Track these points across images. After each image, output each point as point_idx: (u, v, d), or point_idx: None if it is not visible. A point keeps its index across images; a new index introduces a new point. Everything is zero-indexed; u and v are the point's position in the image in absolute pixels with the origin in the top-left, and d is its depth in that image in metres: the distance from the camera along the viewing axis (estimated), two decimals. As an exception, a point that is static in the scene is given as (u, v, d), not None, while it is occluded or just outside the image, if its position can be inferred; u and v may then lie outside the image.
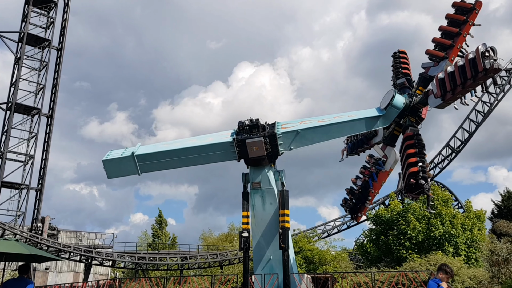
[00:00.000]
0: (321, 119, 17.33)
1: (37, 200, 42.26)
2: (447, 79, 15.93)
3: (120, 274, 57.59)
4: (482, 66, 14.65)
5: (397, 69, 20.01)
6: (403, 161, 16.76)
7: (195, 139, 17.10)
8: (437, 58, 17.56)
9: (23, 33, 43.58)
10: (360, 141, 20.07)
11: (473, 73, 14.93)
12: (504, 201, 49.59)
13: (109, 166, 16.67)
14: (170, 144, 17.25)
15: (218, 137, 17.07)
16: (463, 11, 17.81)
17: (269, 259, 17.88)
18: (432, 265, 25.21)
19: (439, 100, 16.71)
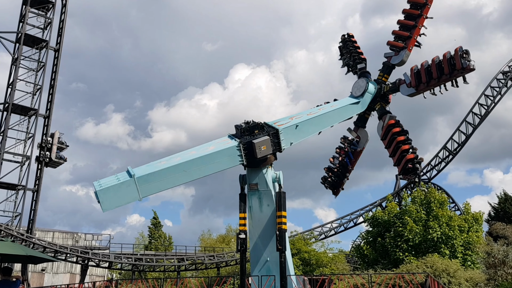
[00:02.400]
0: (308, 112, 18.37)
1: (34, 201, 42.13)
2: (423, 72, 18.14)
3: (116, 276, 57.44)
4: (460, 65, 17.37)
5: (354, 53, 21.61)
6: (393, 147, 18.44)
7: (194, 150, 16.04)
8: (397, 48, 19.36)
9: (20, 34, 43.49)
10: None
11: (450, 69, 17.45)
12: (501, 204, 49.74)
13: (106, 197, 14.23)
14: (171, 159, 15.75)
15: (220, 145, 16.51)
16: (417, 6, 19.57)
17: (266, 261, 17.88)
18: (429, 267, 25.25)
19: (413, 89, 18.99)
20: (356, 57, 21.50)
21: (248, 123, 17.16)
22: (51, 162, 43.69)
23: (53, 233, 57.81)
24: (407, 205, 33.93)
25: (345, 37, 22.34)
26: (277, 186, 17.78)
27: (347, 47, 21.85)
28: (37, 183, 42.63)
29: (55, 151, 43.32)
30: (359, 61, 21.32)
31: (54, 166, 45.06)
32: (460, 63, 17.48)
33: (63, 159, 44.53)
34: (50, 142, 43.36)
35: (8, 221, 40.02)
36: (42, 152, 42.74)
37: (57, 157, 43.59)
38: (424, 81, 18.13)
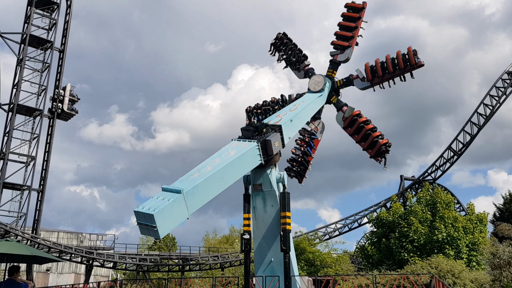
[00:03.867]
0: (288, 109, 19.52)
1: (39, 201, 42.28)
2: (379, 67, 20.70)
3: (121, 276, 57.58)
4: (414, 61, 20.07)
5: (296, 50, 23.63)
6: (362, 134, 20.40)
7: (217, 158, 15.13)
8: (342, 47, 21.93)
9: (25, 35, 43.67)
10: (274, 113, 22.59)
11: (404, 65, 20.12)
12: (506, 204, 49.45)
13: (162, 221, 12.27)
14: (202, 170, 14.48)
15: (240, 148, 16.01)
16: (355, 9, 21.99)
17: (270, 261, 17.87)
18: (434, 268, 25.16)
19: (367, 83, 21.51)
20: (299, 54, 23.29)
21: (252, 125, 17.25)
22: (63, 114, 44.85)
23: (58, 233, 58.05)
24: (412, 205, 33.86)
25: (280, 35, 24.17)
26: (281, 187, 17.78)
27: (285, 44, 23.78)
28: (42, 183, 42.75)
29: (67, 103, 44.49)
30: (304, 58, 23.28)
31: (66, 119, 46.01)
32: (414, 60, 20.30)
33: (75, 111, 45.57)
34: (62, 94, 44.50)
35: (13, 221, 40.20)
36: (54, 103, 44.04)
37: (69, 108, 44.70)
38: (380, 75, 20.90)
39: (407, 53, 20.38)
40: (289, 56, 23.84)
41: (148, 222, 12.12)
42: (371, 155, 20.98)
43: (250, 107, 23.92)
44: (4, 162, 40.80)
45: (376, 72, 21.10)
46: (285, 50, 24.09)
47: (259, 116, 23.60)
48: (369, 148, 20.94)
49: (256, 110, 23.71)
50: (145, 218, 12.15)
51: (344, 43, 22.22)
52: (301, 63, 23.74)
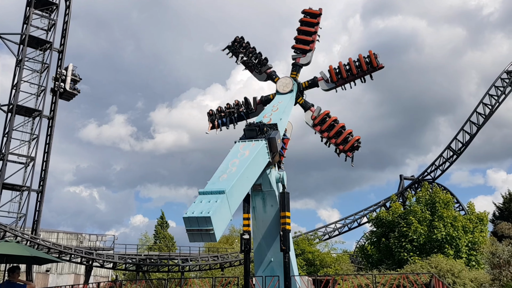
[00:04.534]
0: (270, 109, 20.13)
1: (38, 202, 42.22)
2: (343, 70, 22.13)
3: (121, 276, 57.56)
4: (376, 63, 21.74)
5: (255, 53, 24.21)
6: (335, 131, 21.61)
7: (235, 159, 15.03)
8: (304, 51, 22.88)
9: (24, 35, 43.61)
10: (239, 116, 23.57)
11: (367, 67, 21.74)
12: (506, 203, 49.54)
13: (216, 222, 11.86)
14: (228, 170, 14.35)
15: (252, 148, 16.01)
16: (313, 15, 23.19)
17: (270, 261, 17.91)
18: (433, 268, 25.18)
19: (332, 84, 22.69)
20: (260, 57, 23.98)
21: (255, 125, 17.26)
22: (66, 93, 44.90)
23: (58, 234, 58.00)
24: (412, 205, 33.89)
25: (238, 38, 24.92)
26: (281, 187, 17.81)
27: (244, 47, 24.46)
28: (41, 184, 42.74)
29: (69, 82, 44.67)
30: (266, 61, 23.88)
31: (68, 99, 46.03)
32: (376, 62, 21.93)
33: (77, 91, 45.74)
34: (65, 74, 44.74)
35: (13, 222, 40.13)
36: (56, 83, 44.29)
37: (71, 88, 44.90)
38: (344, 77, 22.31)
39: (367, 57, 21.98)
40: (250, 59, 24.21)
41: (203, 226, 11.70)
42: (345, 149, 21.92)
43: (212, 110, 23.94)
44: (3, 163, 40.76)
45: (340, 74, 22.40)
46: (245, 52, 24.53)
47: (223, 119, 23.70)
48: (341, 144, 21.92)
49: (220, 114, 23.80)
50: (198, 223, 11.71)
51: (305, 47, 23.25)
52: (263, 66, 24.19)
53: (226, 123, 23.72)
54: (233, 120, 23.74)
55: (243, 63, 24.70)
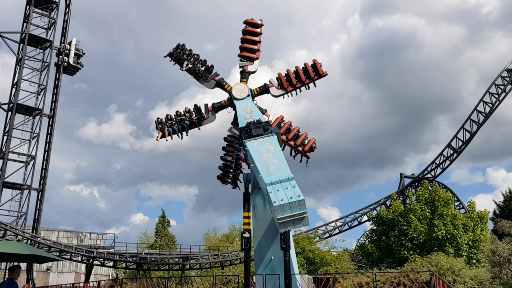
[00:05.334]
0: (244, 113, 20.25)
1: (39, 200, 42.27)
2: (292, 76, 22.89)
3: (121, 275, 57.62)
4: (322, 71, 22.86)
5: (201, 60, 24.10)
6: (293, 133, 22.29)
7: (263, 154, 15.46)
8: (251, 59, 23.52)
9: (24, 34, 43.60)
10: (191, 123, 23.32)
11: (314, 74, 22.81)
12: (506, 202, 49.52)
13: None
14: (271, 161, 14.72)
15: (271, 143, 16.38)
16: (255, 25, 23.95)
17: (270, 260, 17.90)
18: (434, 266, 25.20)
19: (283, 91, 23.17)
20: (207, 64, 24.17)
21: (260, 122, 17.30)
22: (69, 68, 45.41)
23: (58, 233, 58.06)
24: (412, 203, 33.90)
25: (180, 45, 24.68)
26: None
27: (188, 54, 24.38)
28: (41, 182, 42.76)
29: (73, 56, 45.19)
30: (212, 68, 24.14)
31: (71, 73, 46.50)
32: (321, 70, 23.04)
33: (80, 65, 46.21)
34: (68, 48, 45.23)
35: (14, 220, 40.19)
36: (60, 57, 44.80)
37: (74, 62, 45.39)
38: (294, 84, 23.08)
39: (311, 65, 23.28)
40: (196, 66, 24.05)
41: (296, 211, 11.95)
42: (305, 150, 22.61)
43: (159, 118, 23.30)
44: (4, 162, 40.79)
45: (290, 81, 23.15)
46: (189, 59, 24.30)
47: (174, 127, 23.10)
48: (301, 146, 22.61)
49: (171, 121, 23.18)
50: (290, 209, 11.94)
51: (252, 55, 23.80)
52: (210, 73, 24.22)
53: (177, 131, 23.14)
54: (185, 128, 23.29)
55: (189, 70, 24.28)
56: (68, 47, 45.36)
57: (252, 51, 23.87)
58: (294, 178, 12.95)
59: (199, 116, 23.26)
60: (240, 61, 23.84)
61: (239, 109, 21.28)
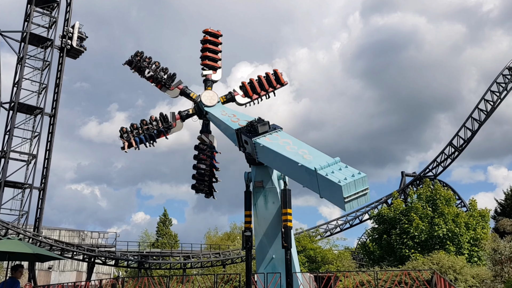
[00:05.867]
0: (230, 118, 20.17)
1: (40, 199, 42.32)
2: (256, 85, 23.46)
3: (123, 273, 57.70)
4: (283, 80, 23.82)
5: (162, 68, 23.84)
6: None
7: (287, 146, 15.76)
8: (214, 68, 23.73)
9: (25, 33, 43.60)
10: (159, 132, 22.88)
11: (276, 83, 23.66)
12: (508, 200, 49.47)
13: None
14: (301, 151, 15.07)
15: (284, 137, 16.78)
16: (214, 35, 24.21)
17: (271, 258, 17.91)
18: (435, 264, 25.18)
19: (248, 99, 23.66)
20: (168, 72, 23.76)
21: (263, 120, 17.30)
22: (72, 50, 45.70)
23: (60, 231, 58.14)
24: (413, 202, 33.88)
25: (139, 52, 24.36)
26: (282, 184, 17.80)
27: (148, 62, 23.80)
28: (43, 181, 42.81)
29: (76, 39, 45.58)
30: (174, 76, 23.87)
31: (74, 56, 46.73)
32: (283, 79, 23.76)
33: (83, 48, 46.59)
34: (71, 32, 45.63)
35: (15, 219, 40.25)
36: (63, 39, 45.21)
37: (77, 45, 45.76)
38: (259, 92, 23.55)
39: (274, 73, 23.97)
40: (158, 73, 23.60)
41: (360, 188, 12.49)
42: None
43: (124, 128, 22.47)
44: (5, 161, 40.85)
45: (255, 89, 23.62)
46: (149, 67, 23.80)
47: (141, 136, 22.36)
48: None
49: (137, 131, 22.38)
50: (355, 187, 12.39)
51: (215, 64, 23.95)
52: (173, 81, 23.84)
53: (144, 141, 22.36)
54: (153, 137, 22.58)
55: (150, 78, 23.75)
56: (71, 30, 45.61)
57: (214, 60, 23.85)
58: (340, 160, 13.38)
59: (166, 125, 22.81)
60: (202, 70, 23.73)
61: (218, 115, 21.17)
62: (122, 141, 22.19)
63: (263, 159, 16.88)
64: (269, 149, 15.88)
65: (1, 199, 39.88)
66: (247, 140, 17.07)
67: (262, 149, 16.26)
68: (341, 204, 12.73)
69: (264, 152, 16.32)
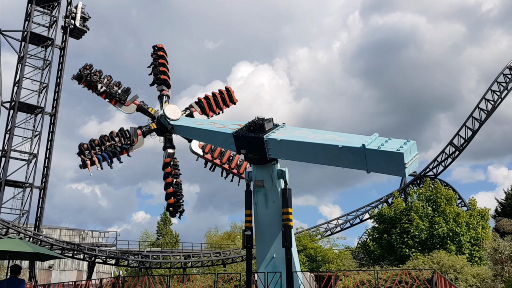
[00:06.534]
0: (212, 124, 19.71)
1: (41, 198, 42.32)
2: (213, 102, 24.45)
3: (123, 272, 57.73)
4: (235, 99, 25.04)
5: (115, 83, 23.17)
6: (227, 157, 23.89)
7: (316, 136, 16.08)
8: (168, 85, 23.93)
9: (26, 32, 43.59)
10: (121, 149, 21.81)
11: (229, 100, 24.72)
12: (508, 199, 49.45)
13: None
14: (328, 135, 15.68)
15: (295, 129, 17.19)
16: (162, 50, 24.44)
17: (272, 257, 17.91)
18: (436, 263, 25.19)
19: (205, 116, 24.21)
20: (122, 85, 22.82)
21: (263, 119, 17.31)
22: (75, 31, 45.99)
23: (60, 231, 58.18)
24: (413, 201, 33.88)
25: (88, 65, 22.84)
26: (283, 183, 17.80)
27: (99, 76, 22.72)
28: (43, 180, 42.81)
29: (79, 19, 45.91)
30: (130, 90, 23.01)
31: (77, 37, 47.04)
32: (235, 98, 24.92)
33: (86, 28, 46.91)
34: (74, 12, 45.93)
35: (16, 219, 40.25)
36: (67, 19, 45.49)
37: (81, 25, 46.07)
38: (214, 109, 24.41)
39: (226, 91, 25.01)
40: (111, 88, 22.51)
41: (414, 153, 13.32)
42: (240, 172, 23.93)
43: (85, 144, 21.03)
44: (6, 160, 40.86)
45: (211, 106, 24.40)
46: (101, 81, 22.52)
47: (103, 153, 21.05)
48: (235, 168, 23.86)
49: (100, 147, 21.10)
50: (411, 153, 13.17)
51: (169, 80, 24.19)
52: (127, 95, 22.86)
53: (107, 159, 20.98)
54: (116, 154, 21.31)
55: (103, 93, 22.28)
56: (74, 10, 45.80)
57: (168, 77, 23.91)
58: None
59: (128, 141, 21.67)
60: (157, 85, 23.48)
61: (193, 125, 20.46)
62: (83, 159, 20.63)
63: (278, 154, 16.68)
64: (290, 142, 15.79)
65: (2, 198, 39.89)
66: (253, 140, 16.74)
67: (278, 144, 16.04)
68: (400, 171, 13.50)
69: (282, 146, 16.13)
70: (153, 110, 22.63)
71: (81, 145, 20.97)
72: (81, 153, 20.74)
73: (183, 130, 21.27)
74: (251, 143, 16.89)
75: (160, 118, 21.65)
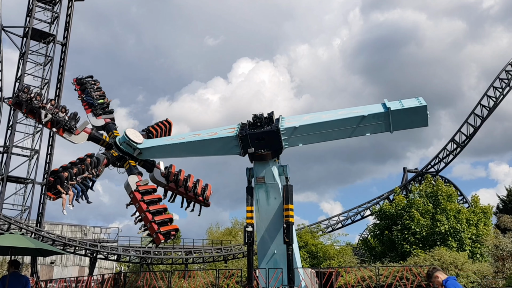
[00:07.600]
0: (187, 134, 20.10)
1: (42, 194, 42.41)
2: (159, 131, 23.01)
3: (125, 268, 57.87)
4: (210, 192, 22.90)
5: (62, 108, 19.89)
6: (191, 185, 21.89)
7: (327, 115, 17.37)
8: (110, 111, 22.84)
9: (27, 28, 43.57)
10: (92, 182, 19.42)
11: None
12: (510, 196, 49.45)
13: None
14: (332, 114, 17.26)
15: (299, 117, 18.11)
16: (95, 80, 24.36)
17: (273, 254, 17.94)
18: (437, 260, 25.21)
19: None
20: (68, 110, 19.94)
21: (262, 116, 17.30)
22: None
23: (62, 226, 58.30)
24: (415, 198, 33.87)
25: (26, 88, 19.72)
26: (284, 179, 17.81)
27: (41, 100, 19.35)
28: (45, 176, 42.88)
29: None
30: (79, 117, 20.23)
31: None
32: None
33: None
34: None
35: (18, 214, 40.36)
36: None
37: None
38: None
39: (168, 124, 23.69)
40: (56, 115, 19.07)
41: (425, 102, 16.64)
42: (206, 199, 22.55)
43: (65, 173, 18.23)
44: (7, 156, 40.92)
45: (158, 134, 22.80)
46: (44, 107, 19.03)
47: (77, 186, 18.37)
48: (201, 195, 22.29)
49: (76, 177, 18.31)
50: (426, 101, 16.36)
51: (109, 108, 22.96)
52: (76, 122, 19.74)
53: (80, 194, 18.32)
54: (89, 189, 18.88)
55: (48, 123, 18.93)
56: None
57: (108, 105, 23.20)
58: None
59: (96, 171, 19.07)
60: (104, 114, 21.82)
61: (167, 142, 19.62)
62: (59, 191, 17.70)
63: (294, 141, 17.18)
64: (309, 125, 16.78)
65: (4, 194, 39.99)
66: (265, 134, 16.79)
67: (294, 131, 16.76)
68: (423, 122, 16.79)
69: (299, 132, 16.86)
70: (107, 138, 20.10)
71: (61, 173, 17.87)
72: (60, 183, 17.67)
73: (157, 151, 19.65)
74: (261, 138, 16.85)
75: (122, 145, 19.14)
